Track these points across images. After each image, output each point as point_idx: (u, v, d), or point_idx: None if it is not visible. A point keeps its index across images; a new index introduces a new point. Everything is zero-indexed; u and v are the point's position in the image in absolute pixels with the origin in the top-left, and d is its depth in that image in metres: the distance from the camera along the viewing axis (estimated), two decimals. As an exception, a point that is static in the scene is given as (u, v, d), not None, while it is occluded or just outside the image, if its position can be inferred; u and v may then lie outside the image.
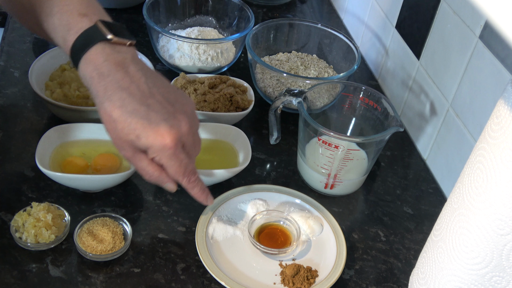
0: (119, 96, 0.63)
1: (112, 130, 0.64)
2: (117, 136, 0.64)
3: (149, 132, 0.63)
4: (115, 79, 0.63)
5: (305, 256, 0.76)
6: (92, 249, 0.70)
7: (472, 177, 0.56)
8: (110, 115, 0.63)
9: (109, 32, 0.65)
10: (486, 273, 0.57)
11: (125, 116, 0.63)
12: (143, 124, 0.63)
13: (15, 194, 0.78)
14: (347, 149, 0.80)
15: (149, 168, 0.66)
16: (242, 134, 0.87)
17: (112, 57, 0.64)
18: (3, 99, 0.93)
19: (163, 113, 0.64)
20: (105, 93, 0.63)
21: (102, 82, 0.63)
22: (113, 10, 1.21)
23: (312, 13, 1.34)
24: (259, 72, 0.99)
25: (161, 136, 0.63)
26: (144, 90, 0.65)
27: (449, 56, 0.88)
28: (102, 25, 0.65)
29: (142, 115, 0.63)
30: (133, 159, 0.66)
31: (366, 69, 1.17)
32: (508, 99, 0.51)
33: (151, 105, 0.64)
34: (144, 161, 0.66)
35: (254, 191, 0.83)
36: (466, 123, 0.84)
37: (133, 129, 0.63)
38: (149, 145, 0.63)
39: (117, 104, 0.63)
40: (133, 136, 0.63)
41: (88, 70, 0.64)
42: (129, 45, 0.67)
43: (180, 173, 0.67)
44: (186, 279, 0.71)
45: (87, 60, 0.64)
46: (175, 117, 0.65)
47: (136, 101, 0.63)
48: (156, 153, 0.64)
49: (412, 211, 0.86)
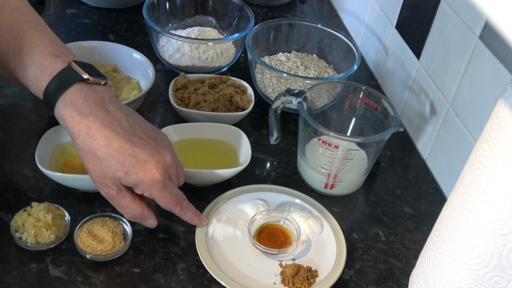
0: (104, 135, 0.64)
1: (96, 169, 0.65)
2: (102, 174, 0.65)
3: (138, 168, 0.65)
4: (97, 118, 0.65)
5: (305, 256, 0.76)
6: (92, 249, 0.70)
7: (472, 177, 0.56)
8: (95, 153, 0.64)
9: (85, 72, 0.66)
10: (486, 273, 0.57)
11: (112, 154, 0.64)
12: (131, 161, 0.64)
13: (15, 194, 0.78)
14: (347, 149, 0.80)
15: (132, 205, 0.68)
16: (242, 134, 0.87)
17: (91, 97, 0.66)
18: (3, 99, 0.93)
19: (147, 149, 0.66)
20: (88, 132, 0.64)
21: (84, 122, 0.64)
22: (113, 10, 1.21)
23: (312, 13, 1.34)
24: (259, 72, 0.99)
25: (150, 171, 0.65)
26: (126, 128, 0.66)
27: (449, 56, 0.88)
28: (77, 66, 0.67)
29: (129, 152, 0.65)
30: (116, 197, 0.67)
31: (366, 69, 1.17)
32: (508, 99, 0.51)
33: (135, 142, 0.66)
34: (128, 199, 0.68)
35: (254, 191, 0.83)
36: (466, 123, 0.84)
37: (121, 166, 0.64)
38: (138, 181, 0.65)
39: (102, 142, 0.64)
40: (121, 173, 0.65)
41: (67, 110, 0.65)
42: (104, 84, 0.69)
43: (172, 203, 0.69)
44: (186, 279, 0.71)
45: (65, 101, 0.65)
46: (159, 152, 0.67)
47: (120, 138, 0.65)
48: (146, 189, 0.66)
49: (412, 211, 0.86)
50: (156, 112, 0.98)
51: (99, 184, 0.67)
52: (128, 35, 1.14)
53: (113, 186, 0.66)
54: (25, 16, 0.70)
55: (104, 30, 1.15)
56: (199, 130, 0.88)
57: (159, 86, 1.02)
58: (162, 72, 1.07)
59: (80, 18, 1.18)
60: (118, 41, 1.08)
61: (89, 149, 0.65)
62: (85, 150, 0.65)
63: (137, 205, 0.68)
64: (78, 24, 1.16)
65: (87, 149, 0.65)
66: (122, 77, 0.97)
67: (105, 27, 1.16)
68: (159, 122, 0.96)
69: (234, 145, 0.88)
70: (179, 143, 0.86)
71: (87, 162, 0.66)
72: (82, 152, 0.66)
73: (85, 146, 0.65)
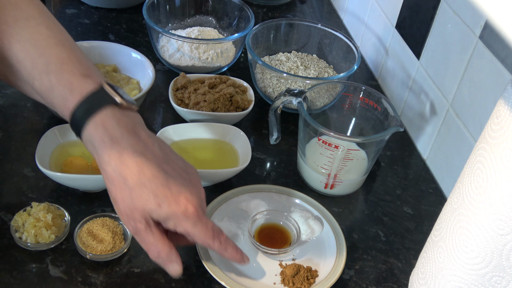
0: (136, 162, 0.59)
1: (125, 199, 0.60)
2: (131, 205, 0.60)
3: (171, 200, 0.60)
4: (129, 144, 0.60)
5: (305, 256, 0.76)
6: (92, 249, 0.70)
7: (472, 177, 0.56)
8: (125, 181, 0.59)
9: (118, 95, 0.62)
10: (486, 273, 0.57)
11: (144, 183, 0.59)
12: (164, 192, 0.60)
13: (15, 194, 0.78)
14: (347, 149, 0.80)
15: (159, 243, 0.62)
16: (242, 134, 0.87)
17: (123, 122, 0.61)
18: (3, 99, 0.93)
19: (180, 180, 0.62)
20: (119, 158, 0.59)
21: (115, 147, 0.60)
22: (113, 10, 1.21)
23: (312, 13, 1.34)
24: (259, 72, 0.99)
25: (184, 204, 0.60)
26: (159, 156, 0.62)
27: (449, 56, 0.88)
28: (109, 88, 0.62)
29: (162, 182, 0.60)
30: (144, 232, 0.61)
31: (366, 69, 1.17)
32: (508, 99, 0.51)
33: (169, 172, 0.61)
34: (156, 235, 0.62)
35: (254, 191, 0.83)
36: (466, 123, 0.84)
37: (154, 196, 0.59)
38: (171, 213, 0.60)
39: (134, 170, 0.59)
40: (152, 204, 0.60)
41: (97, 133, 0.60)
42: (135, 110, 0.65)
43: (209, 236, 0.63)
44: (186, 279, 0.71)
45: (96, 124, 0.60)
46: (193, 184, 0.63)
47: (154, 167, 0.60)
48: (179, 222, 0.61)
49: (412, 211, 0.86)
50: (156, 112, 0.98)
51: (126, 216, 0.61)
52: (128, 35, 1.14)
53: (141, 219, 0.61)
54: (51, 31, 0.64)
55: (104, 30, 1.15)
56: (199, 130, 0.88)
57: (159, 86, 1.02)
58: (162, 72, 1.07)
59: (80, 18, 1.18)
60: (118, 41, 1.08)
61: (119, 177, 0.60)
62: (115, 177, 0.60)
63: (165, 243, 0.62)
64: (78, 24, 1.16)
65: (116, 177, 0.60)
66: (122, 77, 0.97)
67: (105, 27, 1.16)
68: (159, 122, 0.96)
69: (234, 145, 0.88)
70: (179, 143, 0.86)
71: (115, 192, 0.61)
72: (111, 180, 0.60)
73: (115, 173, 0.60)
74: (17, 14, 0.63)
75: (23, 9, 0.64)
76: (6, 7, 0.63)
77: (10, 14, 0.63)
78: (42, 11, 0.66)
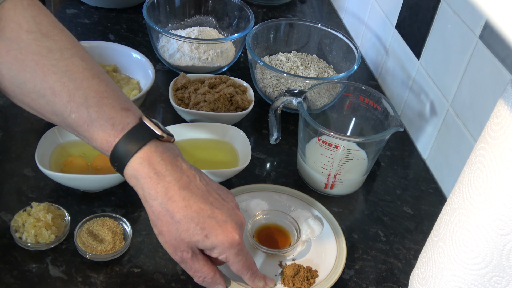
0: (182, 196, 0.61)
1: (172, 232, 0.62)
2: (178, 238, 0.62)
3: (218, 230, 0.62)
4: (174, 179, 0.61)
5: (305, 256, 0.76)
6: (92, 249, 0.70)
7: (472, 177, 0.56)
8: (173, 216, 0.61)
9: (158, 129, 0.63)
10: (486, 273, 0.57)
11: (192, 217, 0.61)
12: (211, 223, 0.62)
13: (15, 194, 0.78)
14: (347, 149, 0.80)
15: (204, 269, 0.65)
16: (242, 134, 0.87)
17: (166, 156, 0.62)
18: (3, 99, 0.93)
19: (225, 210, 0.63)
20: (166, 194, 0.61)
21: (162, 183, 0.61)
22: (113, 10, 1.21)
23: (312, 13, 1.34)
24: (259, 72, 0.99)
25: (230, 233, 0.62)
26: (202, 188, 0.64)
27: (449, 56, 0.88)
28: (149, 121, 0.63)
29: (209, 214, 0.62)
30: (190, 261, 0.64)
31: (366, 69, 1.17)
32: (508, 99, 0.51)
33: (213, 203, 0.63)
34: (201, 262, 0.64)
35: (254, 191, 0.83)
36: (466, 123, 0.84)
37: (201, 229, 0.61)
38: (218, 243, 0.62)
39: (181, 204, 0.61)
40: (200, 236, 0.62)
41: (143, 170, 0.61)
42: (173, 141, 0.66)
43: (246, 267, 0.66)
44: (186, 279, 0.71)
45: (141, 160, 0.61)
46: (235, 212, 0.64)
47: (199, 200, 0.62)
48: (224, 251, 0.63)
49: (412, 211, 0.86)
50: (156, 112, 0.98)
51: (172, 248, 0.63)
52: (128, 35, 1.14)
53: (188, 250, 0.63)
54: (86, 63, 0.63)
55: (104, 30, 1.15)
56: (199, 130, 0.88)
57: (159, 86, 1.02)
58: (162, 72, 1.07)
59: (80, 18, 1.18)
60: (118, 41, 1.08)
61: (166, 212, 0.61)
62: (161, 212, 0.61)
63: (210, 268, 0.65)
64: (78, 24, 1.16)
65: (163, 212, 0.61)
66: (122, 77, 0.97)
67: (105, 27, 1.16)
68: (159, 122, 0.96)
69: (234, 145, 0.88)
70: (179, 143, 0.86)
71: (161, 225, 0.62)
72: (157, 214, 0.62)
73: (162, 208, 0.61)
74: (51, 45, 0.61)
75: (57, 40, 0.62)
76: (38, 38, 0.61)
77: (43, 45, 0.61)
78: (74, 42, 0.64)
